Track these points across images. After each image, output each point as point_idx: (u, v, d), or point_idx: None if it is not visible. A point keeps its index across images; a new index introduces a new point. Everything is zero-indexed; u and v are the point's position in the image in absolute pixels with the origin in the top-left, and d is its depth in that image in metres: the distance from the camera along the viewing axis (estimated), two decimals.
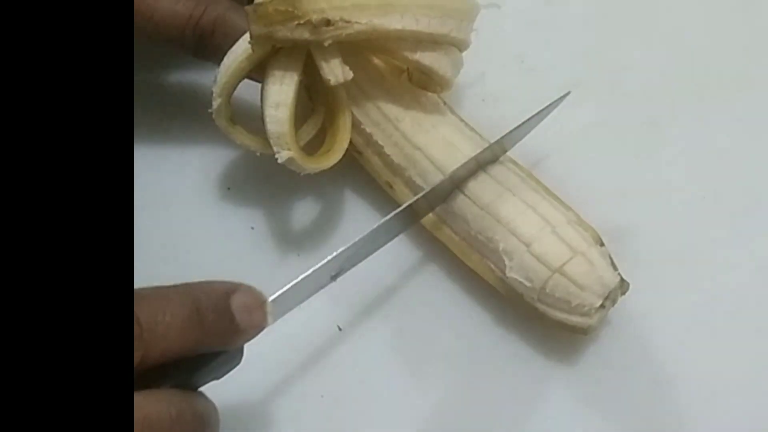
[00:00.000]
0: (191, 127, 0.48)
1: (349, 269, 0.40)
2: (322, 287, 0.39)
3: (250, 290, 0.36)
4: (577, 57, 0.52)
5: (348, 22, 0.39)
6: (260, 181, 0.47)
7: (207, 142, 0.48)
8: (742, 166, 0.48)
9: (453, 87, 0.45)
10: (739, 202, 0.47)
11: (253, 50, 0.40)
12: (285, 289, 0.37)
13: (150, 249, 0.46)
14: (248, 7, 0.39)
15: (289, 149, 0.41)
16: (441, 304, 0.45)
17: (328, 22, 0.39)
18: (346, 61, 0.41)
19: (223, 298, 0.35)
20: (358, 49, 0.43)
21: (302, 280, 0.38)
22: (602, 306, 0.41)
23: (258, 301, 0.36)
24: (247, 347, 0.41)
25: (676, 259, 0.46)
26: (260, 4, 0.39)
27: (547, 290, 0.41)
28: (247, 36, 0.40)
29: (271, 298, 0.37)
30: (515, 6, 0.53)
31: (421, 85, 0.45)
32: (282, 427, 0.43)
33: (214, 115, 0.43)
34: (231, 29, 0.43)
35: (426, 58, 0.42)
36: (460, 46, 0.44)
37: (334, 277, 0.40)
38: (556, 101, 0.46)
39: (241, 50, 0.41)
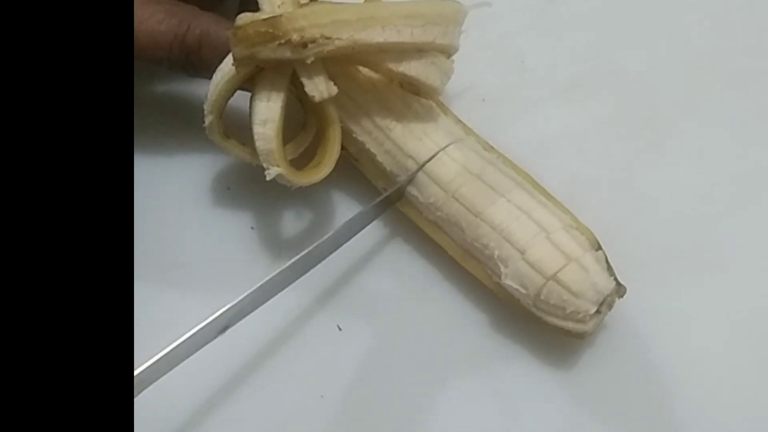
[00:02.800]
0: (190, 129, 0.48)
1: (240, 320, 0.40)
2: (207, 343, 0.39)
3: None
4: (577, 57, 0.51)
5: (329, 38, 0.39)
6: (259, 182, 0.47)
7: (206, 143, 0.48)
8: (742, 165, 0.48)
9: (452, 88, 0.45)
10: (738, 202, 0.47)
11: (237, 71, 0.40)
12: (153, 360, 0.37)
13: (150, 249, 0.46)
14: (229, 31, 0.39)
15: (277, 165, 0.41)
16: (439, 307, 0.45)
17: (308, 41, 0.38)
18: (335, 69, 0.41)
19: None
20: (343, 63, 0.43)
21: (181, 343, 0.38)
22: (597, 312, 0.41)
23: None
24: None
25: (676, 260, 0.46)
26: (240, 27, 0.39)
27: (542, 297, 0.41)
28: (231, 56, 0.40)
29: (138, 370, 0.36)
30: (515, 6, 0.53)
31: (412, 91, 0.44)
32: (282, 426, 0.43)
33: (207, 131, 0.43)
34: (218, 43, 0.43)
35: (411, 69, 0.42)
36: (448, 51, 0.43)
37: (222, 331, 0.39)
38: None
39: (228, 68, 0.41)
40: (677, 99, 0.50)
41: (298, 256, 0.41)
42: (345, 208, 0.47)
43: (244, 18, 0.39)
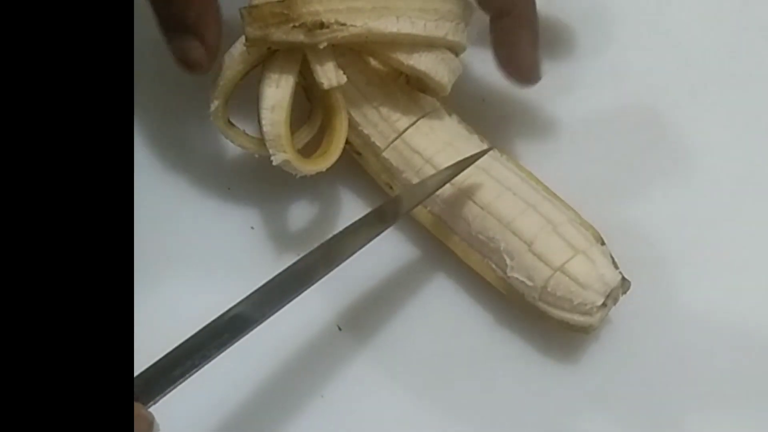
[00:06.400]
0: (191, 127, 0.48)
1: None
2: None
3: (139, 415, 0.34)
4: (578, 57, 0.51)
5: (343, 24, 0.39)
6: (260, 181, 0.47)
7: (207, 143, 0.48)
8: (741, 165, 0.48)
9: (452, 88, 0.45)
10: (739, 202, 0.47)
11: (248, 53, 0.40)
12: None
13: (150, 249, 0.45)
14: (243, 9, 0.39)
15: (284, 152, 0.41)
16: (441, 304, 0.45)
17: (322, 25, 0.39)
18: (344, 60, 0.41)
19: None
20: (353, 52, 0.43)
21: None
22: (604, 304, 0.41)
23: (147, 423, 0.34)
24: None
25: (676, 259, 0.46)
26: (255, 6, 0.39)
27: (549, 289, 0.41)
28: (242, 39, 0.40)
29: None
30: None
31: (419, 88, 0.44)
32: (282, 426, 0.43)
33: (211, 117, 0.43)
34: None
35: (421, 63, 0.42)
36: (457, 49, 0.44)
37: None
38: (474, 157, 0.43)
39: (237, 53, 0.41)
40: (677, 99, 0.50)
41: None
42: (346, 207, 0.47)
43: None
